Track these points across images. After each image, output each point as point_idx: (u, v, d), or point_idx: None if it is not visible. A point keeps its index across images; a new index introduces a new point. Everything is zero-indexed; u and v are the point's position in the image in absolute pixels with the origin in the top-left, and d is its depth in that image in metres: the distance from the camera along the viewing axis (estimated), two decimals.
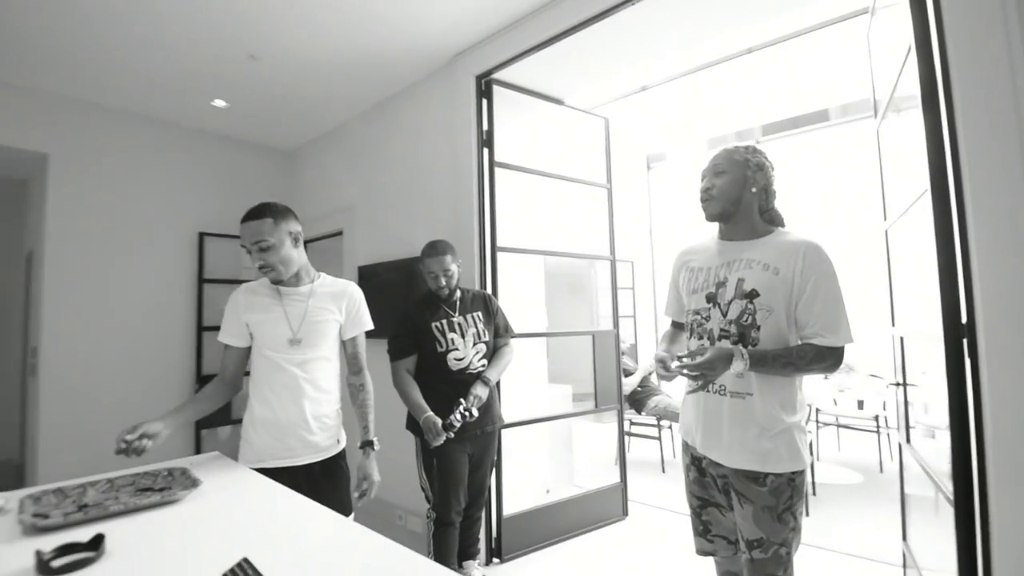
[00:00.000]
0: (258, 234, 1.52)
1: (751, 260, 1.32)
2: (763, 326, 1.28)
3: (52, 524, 1.02)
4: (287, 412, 1.58)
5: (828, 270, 1.26)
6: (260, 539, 0.98)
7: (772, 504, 1.26)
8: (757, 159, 1.38)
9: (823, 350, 1.23)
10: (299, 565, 0.88)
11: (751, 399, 1.29)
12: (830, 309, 1.24)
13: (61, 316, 3.09)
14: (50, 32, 2.51)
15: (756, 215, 1.39)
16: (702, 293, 1.39)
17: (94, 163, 3.26)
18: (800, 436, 1.30)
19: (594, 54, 2.59)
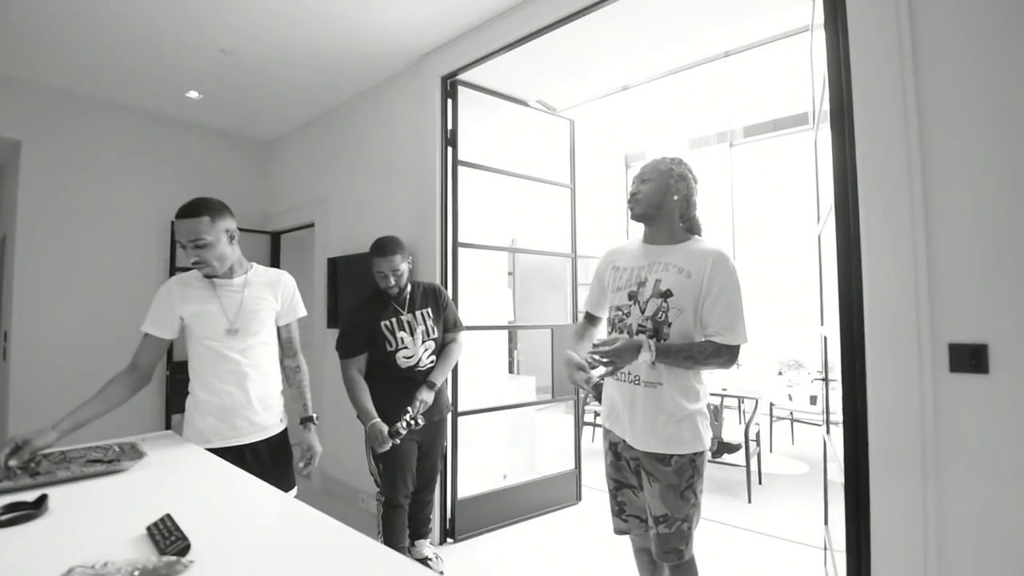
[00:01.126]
0: (195, 232, 1.54)
1: (668, 263, 1.47)
2: (674, 323, 1.43)
3: (3, 487, 1.13)
4: (232, 396, 1.66)
5: (731, 277, 1.41)
6: (189, 502, 1.10)
7: (676, 483, 1.41)
8: (680, 170, 1.53)
9: (720, 347, 1.38)
10: (221, 523, 1.00)
11: (661, 388, 1.44)
12: (729, 311, 1.39)
13: (32, 301, 3.15)
14: (24, 20, 2.57)
15: (676, 221, 1.54)
16: (625, 291, 1.52)
17: (67, 151, 3.32)
18: (702, 421, 1.46)
19: (564, 56, 2.67)
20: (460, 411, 2.73)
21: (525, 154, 3.62)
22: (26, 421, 3.08)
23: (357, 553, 0.87)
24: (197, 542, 0.88)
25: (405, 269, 2.09)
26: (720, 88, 4.45)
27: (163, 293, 1.66)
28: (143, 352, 1.62)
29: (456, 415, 2.71)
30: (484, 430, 3.04)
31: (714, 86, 4.35)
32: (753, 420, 3.38)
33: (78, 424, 1.41)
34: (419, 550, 2.31)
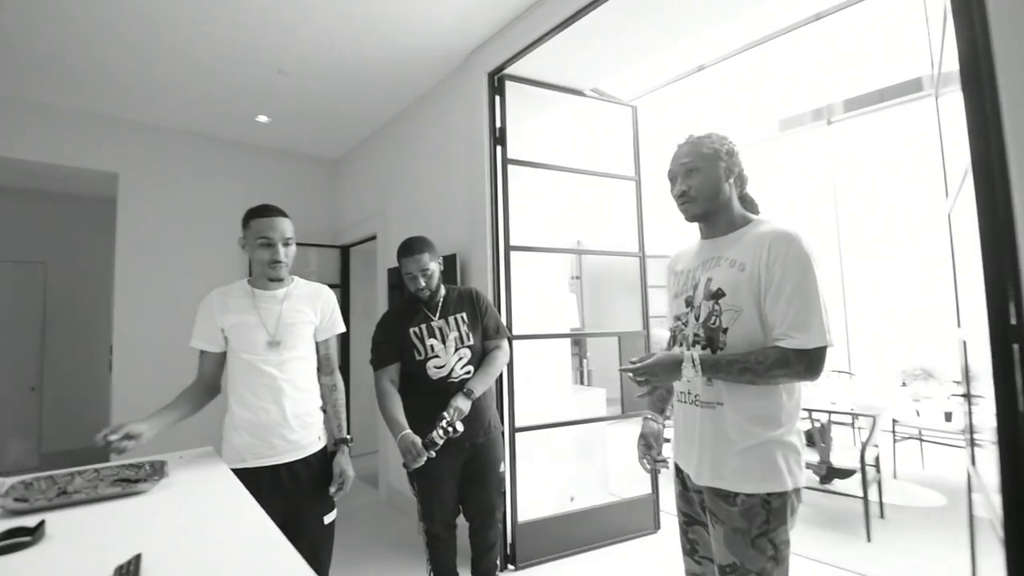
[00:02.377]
0: (288, 231, 1.63)
1: (721, 257, 1.23)
2: (731, 329, 1.16)
3: (21, 508, 1.11)
4: (268, 413, 1.60)
5: (797, 262, 1.10)
6: (175, 538, 1.00)
7: (744, 527, 1.12)
8: (726, 146, 1.28)
9: (788, 354, 1.07)
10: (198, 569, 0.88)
11: (721, 409, 1.17)
12: (796, 305, 1.08)
13: (130, 318, 3.44)
14: (114, 63, 2.81)
15: (735, 207, 1.29)
16: (682, 297, 1.31)
17: (156, 179, 3.61)
18: (785, 454, 1.14)
19: (621, 36, 2.42)
20: (517, 427, 2.53)
21: (584, 148, 3.38)
22: None
23: None
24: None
25: (435, 269, 1.90)
26: (813, 57, 3.90)
27: (204, 306, 1.67)
28: (202, 367, 1.66)
29: (513, 431, 2.51)
30: (546, 447, 2.81)
31: (805, 56, 3.82)
32: (871, 441, 2.84)
33: (165, 423, 1.50)
34: None
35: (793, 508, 1.15)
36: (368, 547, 2.82)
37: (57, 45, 2.63)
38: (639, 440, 1.44)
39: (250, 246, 1.62)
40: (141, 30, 2.52)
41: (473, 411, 1.86)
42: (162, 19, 2.44)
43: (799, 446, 1.17)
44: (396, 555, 2.70)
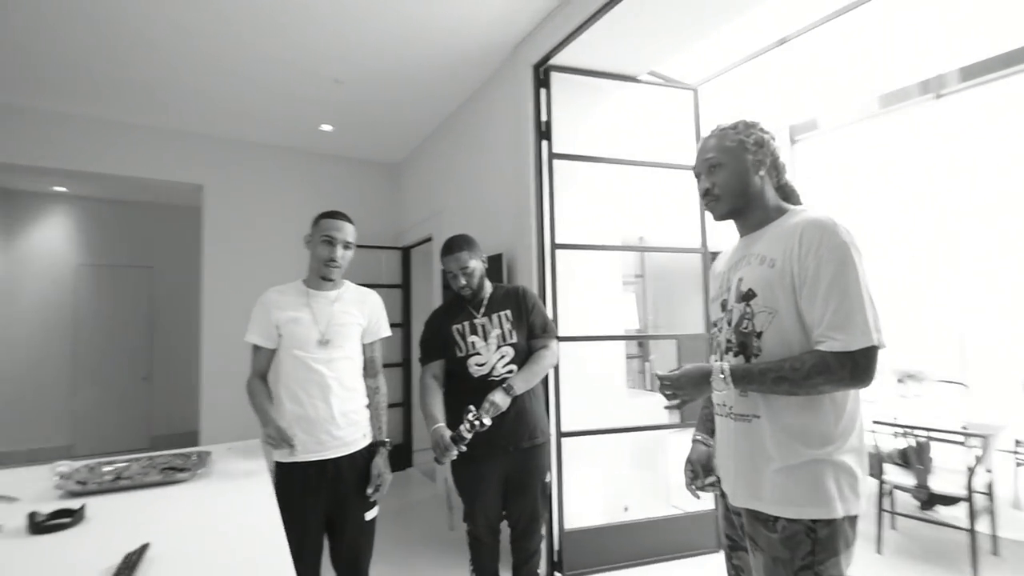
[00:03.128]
0: (350, 235, 1.73)
1: (752, 254, 1.10)
2: (766, 332, 1.03)
3: (76, 490, 1.22)
4: (317, 409, 1.65)
5: (834, 252, 0.95)
6: (187, 532, 1.05)
7: (786, 557, 0.98)
8: (753, 135, 1.14)
9: (827, 358, 0.93)
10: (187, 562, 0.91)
11: (758, 422, 1.04)
12: (836, 301, 0.93)
13: (216, 316, 3.77)
14: (194, 85, 3.09)
15: (770, 200, 1.15)
16: (718, 301, 1.20)
17: (235, 188, 3.94)
18: (834, 474, 0.97)
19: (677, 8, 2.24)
20: (563, 432, 2.44)
21: (641, 137, 3.21)
22: (212, 414, 3.68)
23: None
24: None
25: (476, 267, 1.88)
26: (921, 19, 3.39)
27: (261, 304, 1.73)
28: (259, 362, 1.71)
29: (560, 436, 2.43)
30: (598, 454, 2.69)
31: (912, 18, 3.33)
32: (983, 464, 2.42)
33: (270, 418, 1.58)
34: None
35: (847, 540, 0.98)
36: (417, 542, 2.87)
37: (147, 73, 2.93)
38: (685, 465, 1.30)
39: (313, 242, 1.72)
40: (215, 55, 2.75)
41: (518, 414, 1.82)
42: (231, 44, 2.64)
43: (855, 468, 0.99)
44: (444, 552, 2.71)
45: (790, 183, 1.19)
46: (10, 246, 5.05)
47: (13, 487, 1.27)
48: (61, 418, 5.09)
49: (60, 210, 5.24)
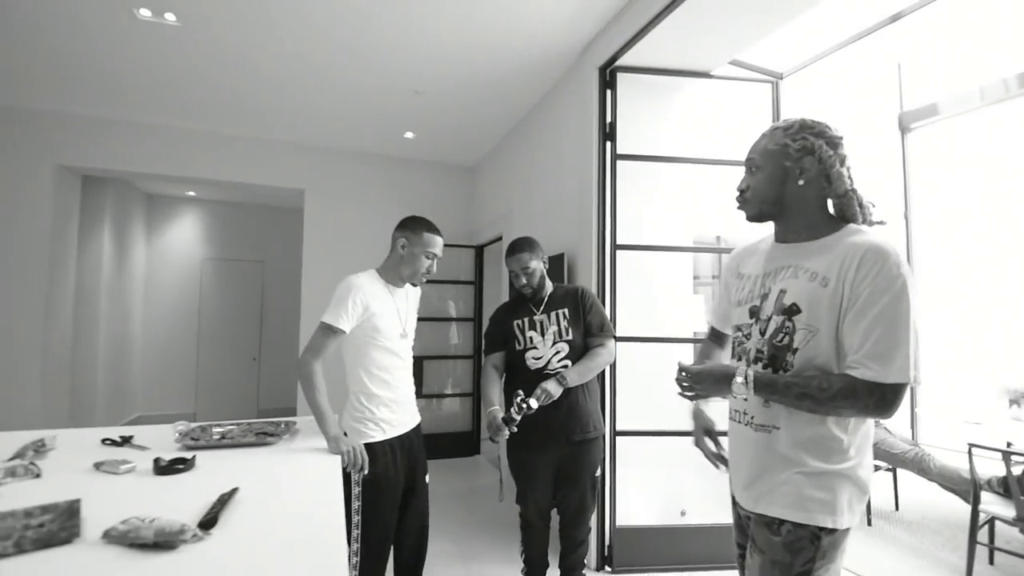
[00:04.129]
0: (442, 250, 1.86)
1: (799, 267, 1.05)
2: (802, 350, 1.01)
3: (190, 445, 1.50)
4: (403, 391, 1.84)
5: (892, 283, 0.92)
6: (268, 483, 1.26)
7: (786, 561, 0.99)
8: (800, 141, 1.07)
9: (858, 385, 0.92)
10: (268, 510, 1.10)
11: (777, 434, 1.05)
12: (881, 331, 0.91)
13: (314, 305, 4.21)
14: (295, 100, 3.50)
15: (815, 210, 1.09)
16: (746, 306, 1.16)
17: (331, 192, 4.37)
18: (848, 488, 0.99)
19: None
20: (618, 431, 2.48)
21: (716, 134, 3.12)
22: None
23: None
24: (232, 519, 1.00)
25: (537, 268, 2.00)
26: None
27: (355, 288, 1.74)
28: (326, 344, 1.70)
29: (614, 434, 2.47)
30: (656, 456, 2.68)
31: None
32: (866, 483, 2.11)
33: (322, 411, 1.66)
34: None
35: (842, 550, 1.00)
36: (477, 523, 3.04)
37: (262, 95, 3.36)
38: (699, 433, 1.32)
39: (414, 252, 1.79)
40: (317, 79, 3.11)
41: (571, 408, 1.92)
42: (329, 69, 2.97)
43: (867, 483, 1.01)
44: (500, 535, 2.85)
45: (853, 193, 1.08)
46: (151, 242, 5.97)
47: (145, 439, 1.58)
48: (187, 390, 5.94)
49: (190, 212, 6.10)
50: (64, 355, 3.95)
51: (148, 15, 2.48)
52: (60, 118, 3.69)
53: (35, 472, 1.26)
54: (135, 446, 1.54)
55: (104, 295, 4.86)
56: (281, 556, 0.89)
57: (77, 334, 4.27)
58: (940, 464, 2.84)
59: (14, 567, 0.81)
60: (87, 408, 4.58)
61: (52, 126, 3.68)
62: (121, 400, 5.34)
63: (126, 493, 1.15)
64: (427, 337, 4.58)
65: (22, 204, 3.61)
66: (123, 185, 5.23)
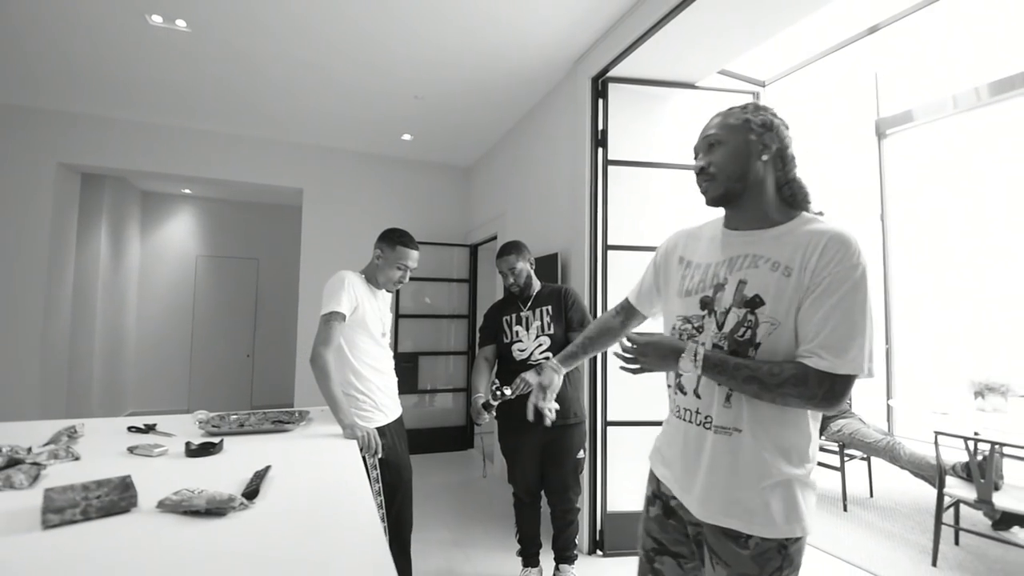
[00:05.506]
0: (417, 262, 2.00)
1: (758, 256, 1.00)
2: (764, 343, 0.96)
3: (214, 431, 1.61)
4: (392, 382, 2.03)
5: (852, 272, 0.90)
6: (297, 462, 1.37)
7: (755, 573, 0.98)
8: (761, 117, 1.05)
9: (809, 373, 0.90)
10: (299, 488, 1.22)
11: (739, 437, 0.99)
12: (837, 321, 0.90)
13: (311, 303, 4.29)
14: (295, 101, 3.58)
15: (771, 193, 1.05)
16: (696, 296, 1.08)
17: (330, 191, 4.46)
18: (806, 493, 0.99)
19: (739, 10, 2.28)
20: (609, 421, 2.62)
21: None
22: (306, 392, 4.21)
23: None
24: (270, 491, 1.11)
25: (523, 268, 2.20)
26: None
27: (347, 280, 1.87)
28: (335, 332, 1.81)
29: (605, 424, 2.61)
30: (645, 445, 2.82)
31: None
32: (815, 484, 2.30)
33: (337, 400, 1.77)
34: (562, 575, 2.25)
35: (803, 552, 1.02)
36: (473, 512, 3.16)
37: (260, 95, 3.44)
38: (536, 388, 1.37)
39: (387, 262, 1.95)
40: (317, 81, 3.19)
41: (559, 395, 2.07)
42: (330, 73, 3.06)
43: (815, 485, 1.02)
44: (495, 523, 2.98)
45: (800, 180, 1.07)
46: (146, 239, 5.99)
47: (166, 428, 1.68)
48: (181, 385, 5.97)
49: (185, 209, 6.12)
50: (62, 350, 3.99)
51: (160, 21, 2.56)
52: (63, 117, 3.74)
53: (75, 455, 1.36)
54: (160, 433, 1.64)
55: (101, 291, 4.89)
56: (322, 521, 1.01)
57: (74, 330, 4.31)
58: (910, 452, 3.03)
59: (86, 530, 0.92)
60: (83, 403, 4.62)
61: (55, 125, 3.72)
62: (115, 395, 5.37)
63: (164, 472, 1.26)
64: (421, 334, 4.69)
65: (24, 201, 3.65)
66: (119, 183, 5.26)
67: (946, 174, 5.11)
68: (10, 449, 1.29)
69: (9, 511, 0.99)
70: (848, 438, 3.31)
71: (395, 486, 1.90)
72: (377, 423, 1.88)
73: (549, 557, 2.32)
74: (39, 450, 1.36)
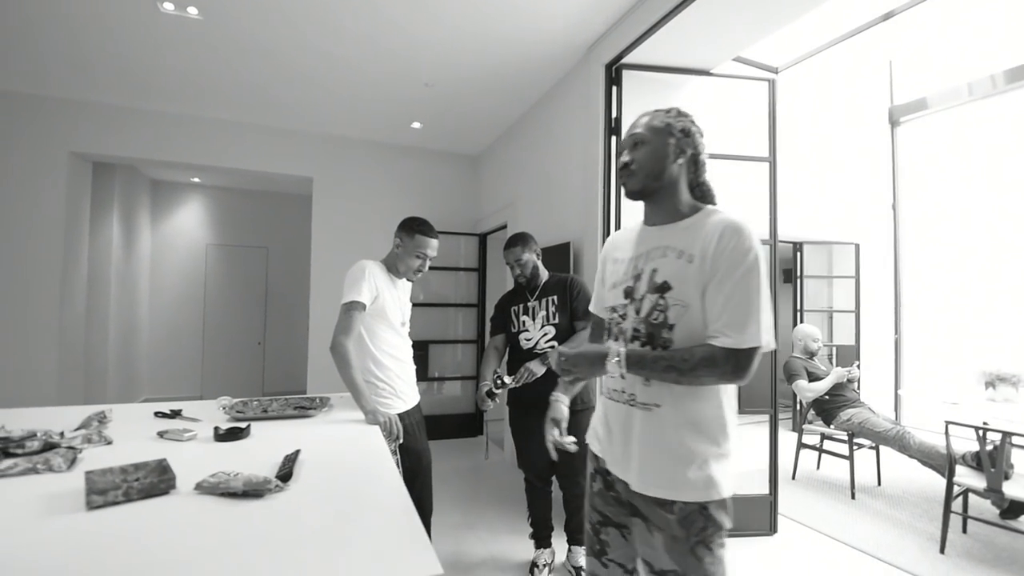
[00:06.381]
0: (437, 248, 2.00)
1: (668, 247, 1.12)
2: (677, 325, 1.06)
3: (239, 417, 1.64)
4: (411, 370, 2.06)
5: (746, 257, 1.01)
6: (324, 446, 1.40)
7: (682, 535, 1.07)
8: (682, 123, 1.17)
9: (716, 352, 0.99)
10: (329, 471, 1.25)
11: (660, 412, 1.08)
12: (737, 301, 1.00)
13: (322, 290, 4.33)
14: (303, 92, 3.57)
15: (683, 192, 1.17)
16: (620, 287, 1.19)
17: (340, 179, 4.46)
18: (720, 463, 1.07)
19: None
20: None
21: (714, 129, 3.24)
22: (317, 376, 4.26)
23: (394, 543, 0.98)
24: (302, 474, 1.14)
25: (528, 259, 2.24)
26: None
27: (368, 269, 1.90)
28: (354, 322, 1.84)
29: None
30: None
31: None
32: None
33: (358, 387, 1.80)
34: (575, 557, 2.29)
35: (729, 515, 1.09)
36: (484, 496, 3.21)
37: (269, 82, 3.44)
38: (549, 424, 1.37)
39: (407, 251, 1.96)
40: (327, 69, 3.18)
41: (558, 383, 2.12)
42: (339, 59, 3.05)
43: (734, 455, 1.09)
44: (506, 506, 3.03)
45: (708, 183, 1.19)
46: (156, 228, 6.02)
47: (190, 413, 1.72)
48: (194, 372, 6.05)
49: (195, 198, 6.15)
50: (78, 338, 4.05)
51: (171, 9, 2.55)
52: (75, 106, 3.75)
53: (107, 439, 1.40)
54: (186, 418, 1.67)
55: (114, 279, 4.94)
56: (357, 503, 1.04)
57: (90, 317, 4.37)
58: (919, 441, 3.05)
59: (129, 511, 0.95)
60: (99, 389, 4.69)
61: (67, 114, 3.73)
62: (130, 382, 5.45)
63: (196, 456, 1.29)
64: (431, 322, 4.72)
65: (38, 190, 3.67)
66: (129, 171, 5.28)
67: (960, 162, 5.06)
68: (44, 434, 1.32)
69: (52, 493, 1.02)
70: (857, 427, 3.32)
71: (415, 471, 1.93)
72: (396, 410, 1.91)
73: (562, 539, 2.37)
74: (72, 434, 1.39)
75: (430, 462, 2.06)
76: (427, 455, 2.05)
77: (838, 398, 3.53)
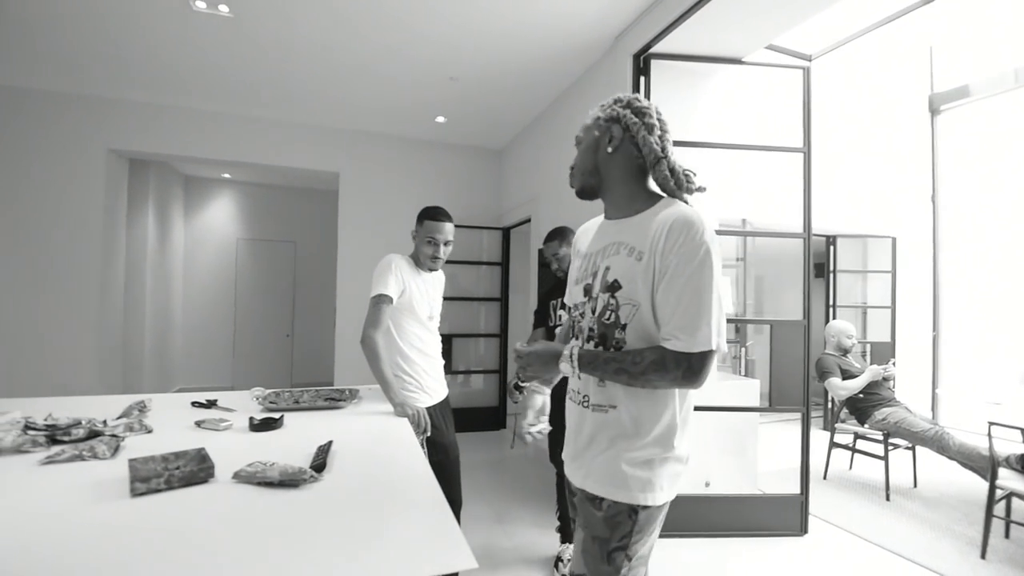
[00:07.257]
0: (450, 234, 1.98)
1: (621, 243, 1.06)
2: (629, 325, 1.01)
3: (272, 408, 1.67)
4: (439, 365, 2.07)
5: (695, 252, 0.94)
6: (356, 438, 1.42)
7: (605, 536, 1.01)
8: (608, 112, 1.12)
9: (667, 356, 0.94)
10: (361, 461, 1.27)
11: (615, 413, 1.03)
12: (687, 302, 0.93)
13: (348, 284, 4.38)
14: (332, 86, 3.61)
15: (633, 183, 1.11)
16: (581, 284, 1.15)
17: (366, 174, 4.51)
18: (667, 467, 1.01)
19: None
20: None
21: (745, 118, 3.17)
22: (343, 366, 4.34)
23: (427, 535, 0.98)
24: (336, 465, 1.16)
25: (567, 254, 2.25)
26: None
27: (394, 263, 1.92)
28: (383, 315, 1.86)
29: None
30: None
31: None
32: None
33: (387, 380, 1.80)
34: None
35: (659, 523, 1.05)
36: (509, 488, 3.23)
37: (297, 80, 3.48)
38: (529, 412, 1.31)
39: (419, 239, 2.00)
40: (353, 66, 3.20)
41: None
42: (364, 57, 3.07)
43: (685, 461, 1.05)
44: (531, 498, 3.04)
45: (673, 165, 1.09)
46: (189, 222, 6.19)
47: (226, 403, 1.76)
48: (224, 363, 6.22)
49: (226, 193, 6.29)
50: (117, 329, 4.20)
51: (203, 7, 2.60)
52: (112, 104, 3.86)
53: (148, 428, 1.44)
54: (221, 408, 1.72)
55: (149, 273, 5.10)
56: (391, 494, 1.06)
57: (127, 310, 4.52)
58: (959, 442, 2.93)
59: (170, 499, 0.98)
60: (136, 379, 4.86)
61: (105, 111, 3.85)
62: (165, 372, 5.64)
63: (232, 445, 1.32)
64: (454, 316, 4.75)
65: (78, 187, 3.81)
66: (163, 168, 5.43)
67: (1004, 152, 4.82)
68: (88, 422, 1.37)
69: (97, 480, 1.06)
70: (894, 427, 3.22)
71: (443, 465, 1.95)
72: (422, 404, 1.93)
73: None
74: (115, 423, 1.45)
75: (458, 456, 2.08)
76: (455, 449, 2.06)
77: (873, 396, 3.43)
